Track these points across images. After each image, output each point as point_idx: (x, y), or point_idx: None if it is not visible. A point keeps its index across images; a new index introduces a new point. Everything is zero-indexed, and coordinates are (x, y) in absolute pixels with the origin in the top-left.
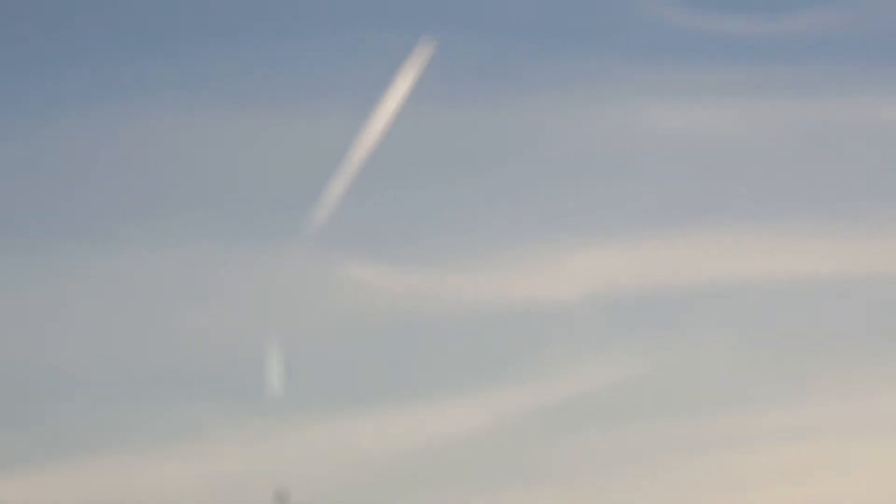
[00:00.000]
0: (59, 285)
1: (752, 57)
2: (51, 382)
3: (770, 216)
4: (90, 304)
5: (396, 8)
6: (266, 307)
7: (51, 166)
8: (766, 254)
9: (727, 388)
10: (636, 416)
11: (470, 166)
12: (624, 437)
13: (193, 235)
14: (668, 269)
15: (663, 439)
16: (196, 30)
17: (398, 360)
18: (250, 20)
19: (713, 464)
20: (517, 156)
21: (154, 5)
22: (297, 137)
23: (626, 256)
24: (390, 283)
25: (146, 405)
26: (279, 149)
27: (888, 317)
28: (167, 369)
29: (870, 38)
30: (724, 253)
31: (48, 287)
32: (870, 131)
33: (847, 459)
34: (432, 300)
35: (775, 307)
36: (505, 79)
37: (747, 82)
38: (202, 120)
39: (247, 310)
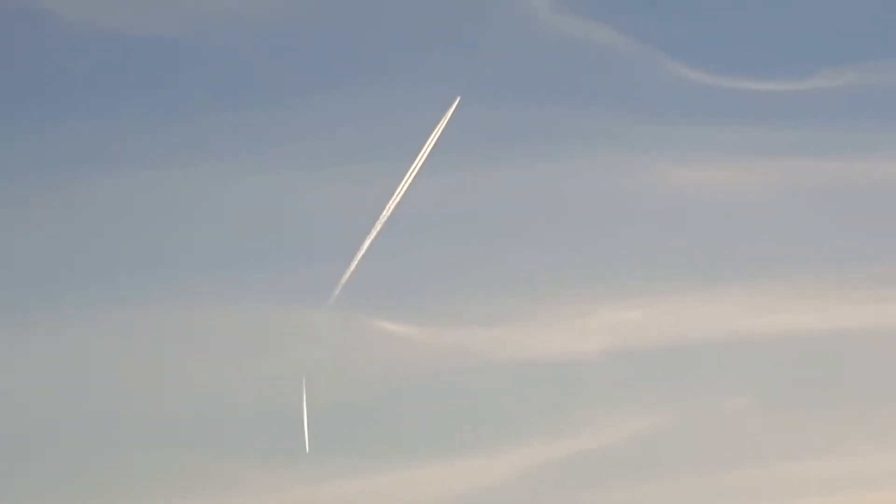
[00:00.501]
0: (96, 337)
1: (767, 116)
2: (83, 434)
3: (788, 273)
4: (127, 357)
5: (420, 67)
6: (298, 364)
7: (86, 224)
8: (785, 310)
9: (748, 442)
10: (657, 470)
11: (493, 225)
12: (645, 492)
13: (228, 294)
14: (687, 324)
15: (684, 494)
16: (223, 95)
17: (424, 415)
18: (274, 82)
19: None
20: (539, 215)
21: (175, 73)
22: (326, 198)
23: (646, 312)
24: (417, 341)
25: (179, 458)
26: (309, 209)
27: None
28: (201, 423)
29: (886, 99)
30: (742, 309)
31: (81, 339)
32: (888, 190)
33: None
34: (457, 357)
35: (795, 362)
36: (526, 139)
37: (763, 141)
38: (233, 182)
39: (280, 366)
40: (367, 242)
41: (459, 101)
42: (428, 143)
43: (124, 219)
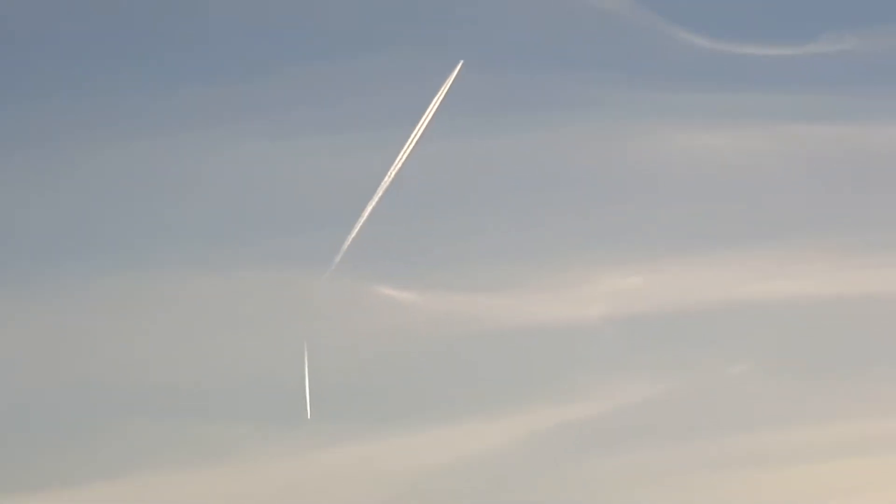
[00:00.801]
0: (92, 307)
1: (768, 81)
2: (84, 402)
3: (789, 238)
4: (126, 325)
5: (420, 35)
6: (299, 330)
7: (91, 192)
8: (786, 275)
9: (751, 407)
10: (657, 436)
11: (497, 191)
12: (647, 457)
13: (230, 260)
14: (688, 290)
15: (687, 459)
16: (228, 61)
17: (425, 381)
18: (278, 47)
19: (738, 483)
20: (543, 181)
21: (181, 38)
22: (327, 164)
23: (648, 278)
24: (418, 307)
25: (179, 425)
26: (311, 175)
27: None
28: (200, 390)
29: (887, 63)
30: (746, 274)
31: (76, 308)
32: (889, 155)
33: (873, 480)
34: (459, 323)
35: (796, 328)
36: (531, 105)
37: (764, 106)
38: (233, 149)
39: (280, 332)
40: (369, 209)
41: (461, 67)
42: (429, 110)
43: (119, 187)
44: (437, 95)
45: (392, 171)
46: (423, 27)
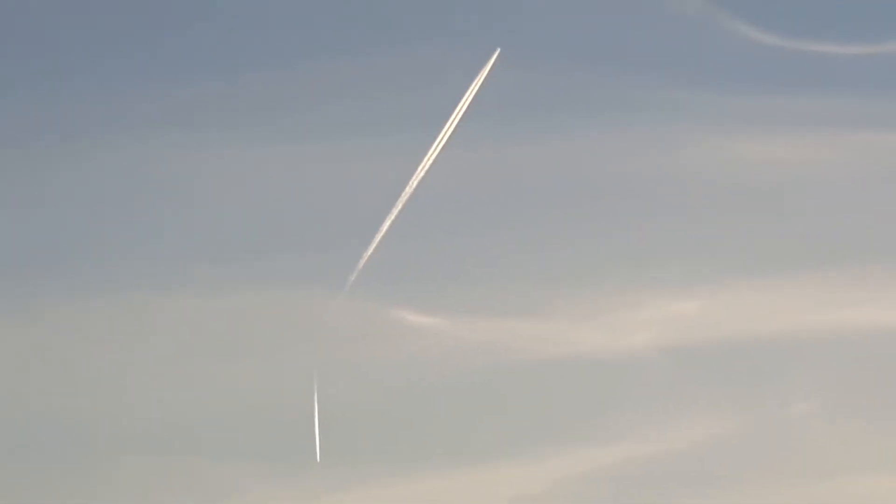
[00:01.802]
0: (91, 332)
1: (843, 83)
2: (83, 438)
3: (865, 261)
4: (124, 353)
5: (455, 28)
6: (309, 359)
7: (79, 203)
8: (861, 303)
9: (815, 452)
10: (713, 481)
11: (530, 205)
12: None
13: (229, 281)
14: (749, 318)
15: None
16: (228, 58)
17: (449, 418)
18: (286, 43)
19: None
20: (587, 194)
21: (197, 37)
22: (341, 173)
23: (702, 304)
24: (444, 334)
25: (177, 463)
26: (324, 184)
27: None
28: (201, 425)
29: None
30: (812, 301)
31: (68, 332)
32: None
33: None
34: (490, 353)
35: (870, 362)
36: (569, 109)
37: (837, 111)
38: (238, 156)
39: (289, 361)
40: (388, 223)
41: (495, 61)
42: (457, 111)
43: (115, 198)
44: (466, 96)
45: (414, 181)
46: (453, 18)
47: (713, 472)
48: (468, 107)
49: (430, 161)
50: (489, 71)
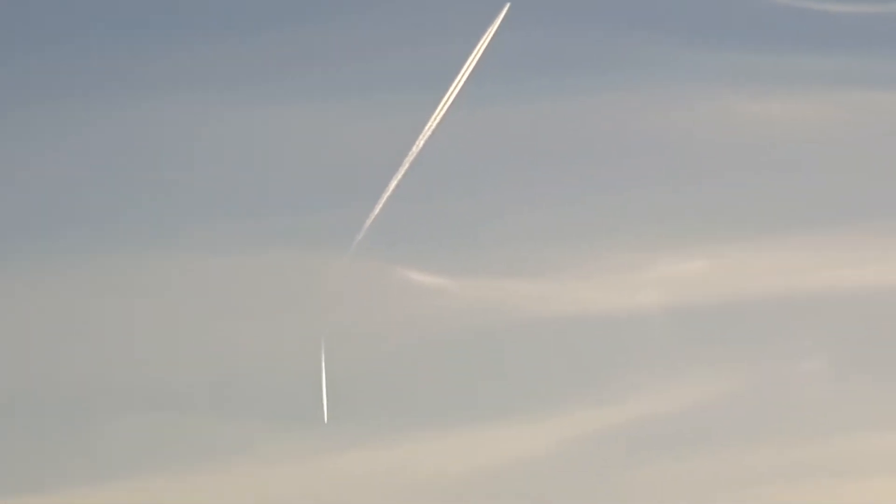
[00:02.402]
0: (95, 291)
1: (852, 42)
2: (87, 397)
3: (874, 220)
4: (131, 312)
5: None
6: (315, 318)
7: (77, 163)
8: (869, 262)
9: (826, 411)
10: (721, 441)
11: (536, 163)
12: (707, 466)
13: (234, 240)
14: (757, 277)
15: (751, 469)
16: (230, 16)
17: (456, 377)
18: (300, 9)
19: (808, 496)
20: (591, 152)
21: None
22: (347, 132)
23: (709, 263)
24: (449, 293)
25: (183, 422)
26: (332, 148)
27: None
28: (207, 383)
29: None
30: (822, 260)
31: (81, 293)
32: None
33: None
34: (496, 312)
35: (878, 321)
36: (575, 67)
37: (847, 71)
38: (242, 114)
39: (295, 320)
40: (394, 182)
41: (504, 17)
42: (464, 70)
43: (119, 155)
44: (474, 54)
45: (421, 140)
46: None
47: (719, 431)
48: (475, 65)
49: (437, 120)
50: (497, 29)
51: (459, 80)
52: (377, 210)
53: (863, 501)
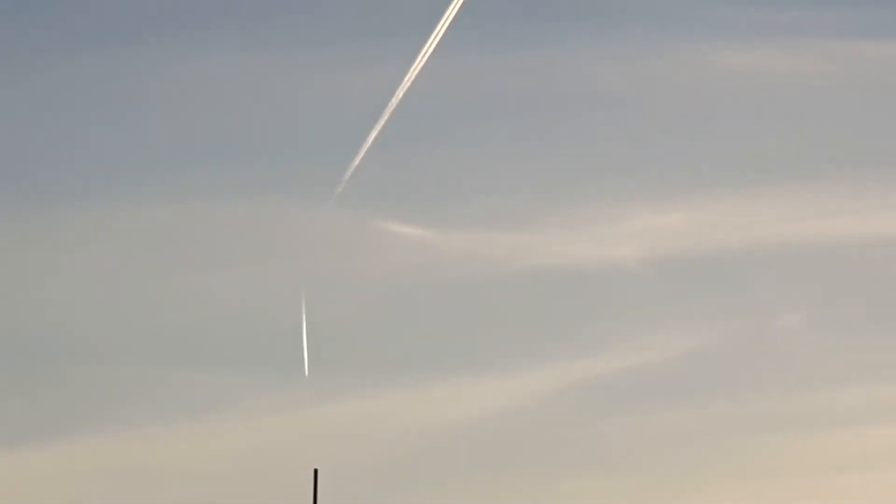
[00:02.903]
0: (78, 244)
1: None
2: (73, 350)
3: (850, 171)
4: (112, 265)
5: None
6: (296, 269)
7: (59, 112)
8: (845, 213)
9: (804, 362)
10: (700, 392)
11: (515, 116)
12: (685, 417)
13: (214, 190)
14: (734, 229)
15: (730, 419)
16: None
17: (437, 329)
18: None
19: (786, 447)
20: (570, 104)
21: None
22: (331, 84)
23: (689, 215)
24: (430, 245)
25: (166, 374)
26: (312, 96)
27: None
28: (188, 336)
29: None
30: (797, 212)
31: (66, 247)
32: None
33: None
34: (477, 264)
35: (855, 272)
36: (557, 19)
37: (824, 21)
38: (226, 65)
39: (276, 271)
40: (374, 133)
41: None
42: (443, 17)
43: (98, 102)
44: (453, 4)
45: (401, 90)
46: None
47: (698, 383)
48: (455, 17)
49: (417, 71)
50: None
51: (439, 31)
52: (358, 161)
53: (840, 453)
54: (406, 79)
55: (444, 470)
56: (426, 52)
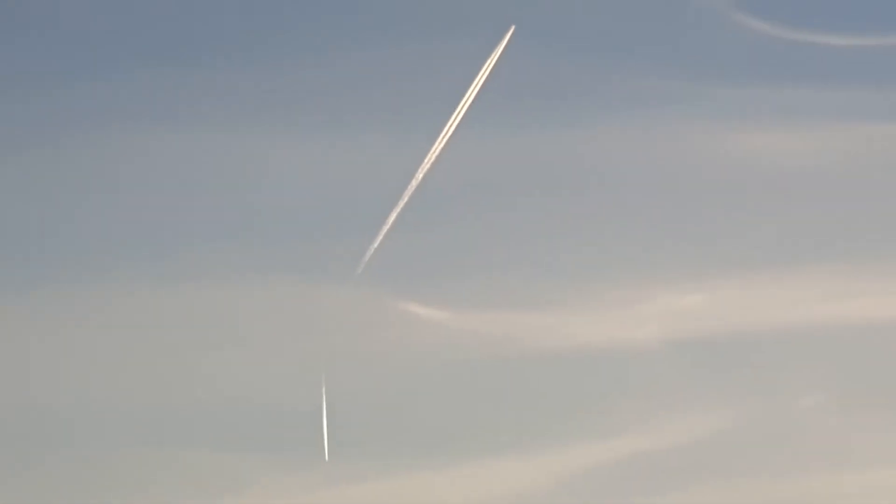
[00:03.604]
0: (92, 321)
1: (846, 76)
2: (84, 431)
3: (870, 253)
4: (126, 343)
5: (453, 18)
6: (315, 351)
7: (76, 189)
8: (867, 295)
9: (823, 446)
10: (719, 476)
11: (536, 196)
12: (708, 499)
13: (233, 272)
14: (756, 311)
15: (751, 503)
16: (244, 43)
17: (454, 410)
18: (301, 36)
19: None
20: (588, 185)
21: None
22: (348, 163)
23: (709, 297)
24: (449, 326)
25: (182, 456)
26: (330, 175)
27: None
28: (205, 417)
29: None
30: (819, 294)
31: (82, 324)
32: None
33: None
34: (497, 346)
35: (878, 355)
36: (574, 99)
37: (842, 104)
38: (245, 142)
39: (294, 353)
40: (394, 214)
41: (506, 46)
42: (465, 100)
43: (113, 182)
44: (474, 85)
45: (421, 171)
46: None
47: (719, 467)
48: (476, 96)
49: (438, 151)
50: (496, 62)
51: (459, 112)
52: (378, 242)
53: None
54: (426, 161)
55: None
56: (447, 133)
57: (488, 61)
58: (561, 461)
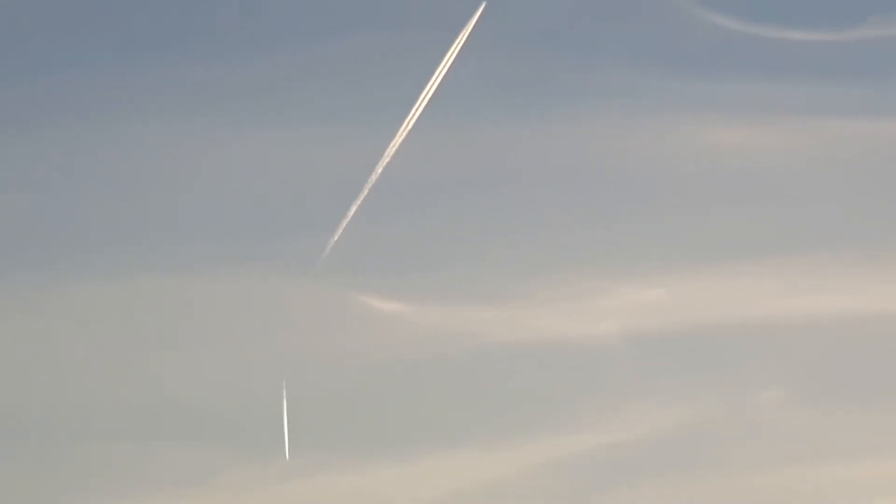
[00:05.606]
0: (53, 315)
1: (807, 70)
2: (47, 425)
3: (828, 249)
4: (88, 337)
5: (415, 11)
6: (275, 345)
7: (43, 181)
8: (824, 290)
9: (780, 440)
10: (677, 471)
11: (498, 190)
12: (665, 494)
13: (193, 267)
14: (715, 306)
15: (708, 496)
16: (206, 39)
17: (414, 404)
18: (259, 30)
19: None
20: (551, 180)
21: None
22: (306, 157)
23: (669, 291)
24: (408, 320)
25: (145, 451)
26: (288, 169)
27: None
28: (167, 412)
29: None
30: (776, 289)
31: (44, 318)
32: None
33: None
34: (457, 339)
35: (835, 350)
36: (540, 94)
37: (802, 99)
38: (207, 137)
39: (254, 347)
40: (354, 208)
41: (463, 49)
42: (423, 95)
43: (94, 183)
44: (435, 78)
45: (380, 166)
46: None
47: (681, 460)
48: (437, 89)
49: (398, 145)
50: (459, 54)
51: (420, 105)
52: (338, 235)
53: None
54: (386, 154)
55: None
56: (407, 126)
57: (450, 52)
58: (523, 455)
